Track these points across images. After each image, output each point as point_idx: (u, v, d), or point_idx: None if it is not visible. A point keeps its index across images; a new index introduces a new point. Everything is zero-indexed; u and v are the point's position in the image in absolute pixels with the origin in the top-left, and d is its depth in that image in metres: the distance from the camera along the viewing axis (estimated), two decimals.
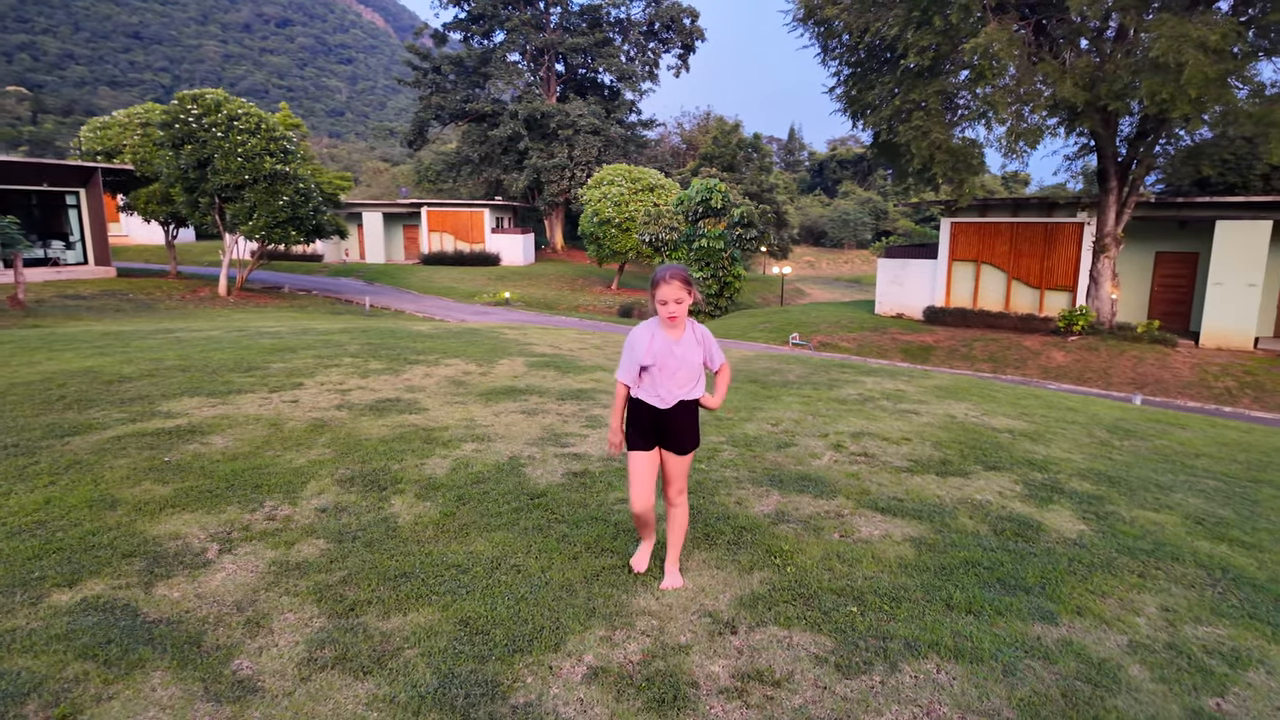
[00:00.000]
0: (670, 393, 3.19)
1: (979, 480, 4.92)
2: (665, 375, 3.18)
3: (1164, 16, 14.28)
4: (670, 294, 3.10)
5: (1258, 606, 3.34)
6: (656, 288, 3.12)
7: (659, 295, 3.11)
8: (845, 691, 2.62)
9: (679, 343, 3.18)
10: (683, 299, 3.10)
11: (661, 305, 3.12)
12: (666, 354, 3.16)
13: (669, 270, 3.13)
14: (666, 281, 3.10)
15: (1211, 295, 18.55)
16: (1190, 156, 19.45)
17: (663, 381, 3.18)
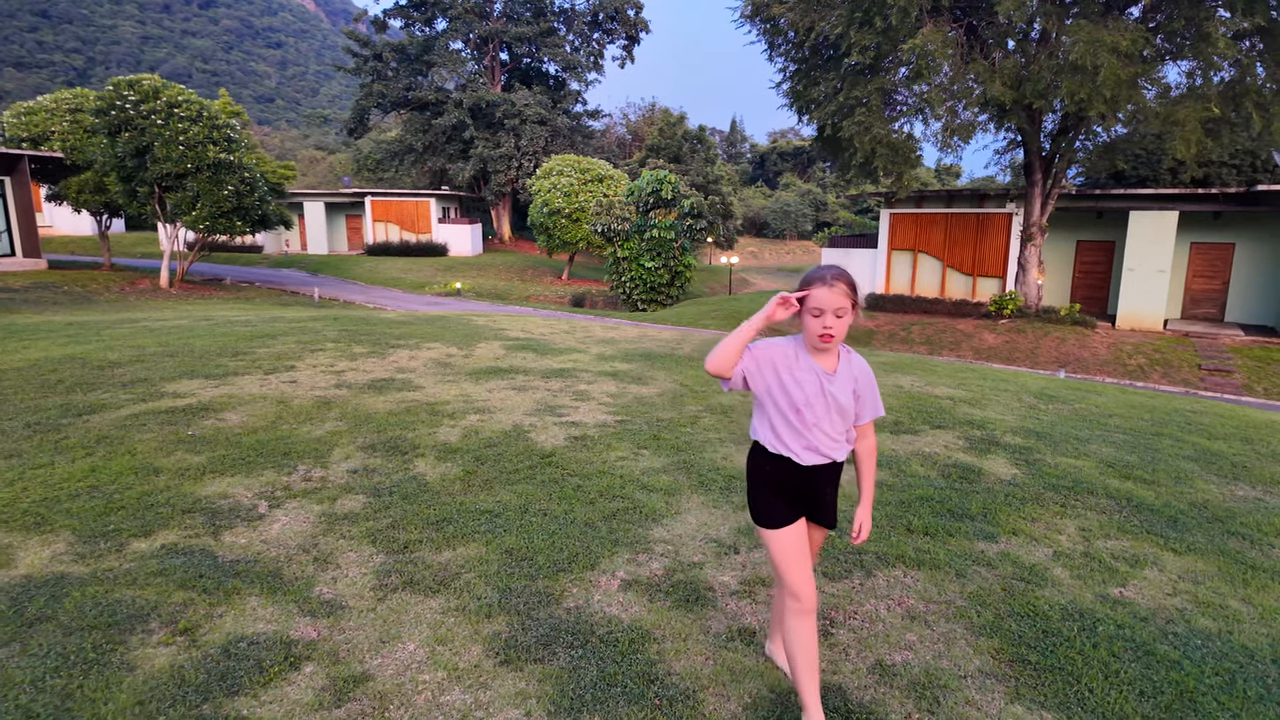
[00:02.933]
0: (818, 444, 2.24)
1: (927, 437, 5.63)
2: (811, 420, 2.21)
3: (1081, 22, 15.46)
4: (830, 301, 2.12)
5: (1154, 525, 4.09)
6: (810, 289, 2.15)
7: (813, 301, 2.13)
8: (834, 590, 3.23)
9: (833, 377, 2.22)
10: (845, 311, 2.14)
11: (814, 316, 2.14)
12: (816, 392, 2.20)
13: (831, 270, 2.17)
14: (827, 283, 2.12)
15: (1126, 280, 20.09)
16: (1106, 151, 20.96)
17: (808, 429, 2.22)
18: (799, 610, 2.23)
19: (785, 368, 2.23)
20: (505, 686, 2.50)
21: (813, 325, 2.16)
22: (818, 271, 2.20)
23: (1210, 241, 20.83)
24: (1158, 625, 3.01)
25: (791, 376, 2.22)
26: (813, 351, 2.23)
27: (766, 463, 2.31)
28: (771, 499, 2.30)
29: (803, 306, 2.17)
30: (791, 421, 2.23)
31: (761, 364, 2.23)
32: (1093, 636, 2.89)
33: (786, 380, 2.22)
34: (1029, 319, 20.19)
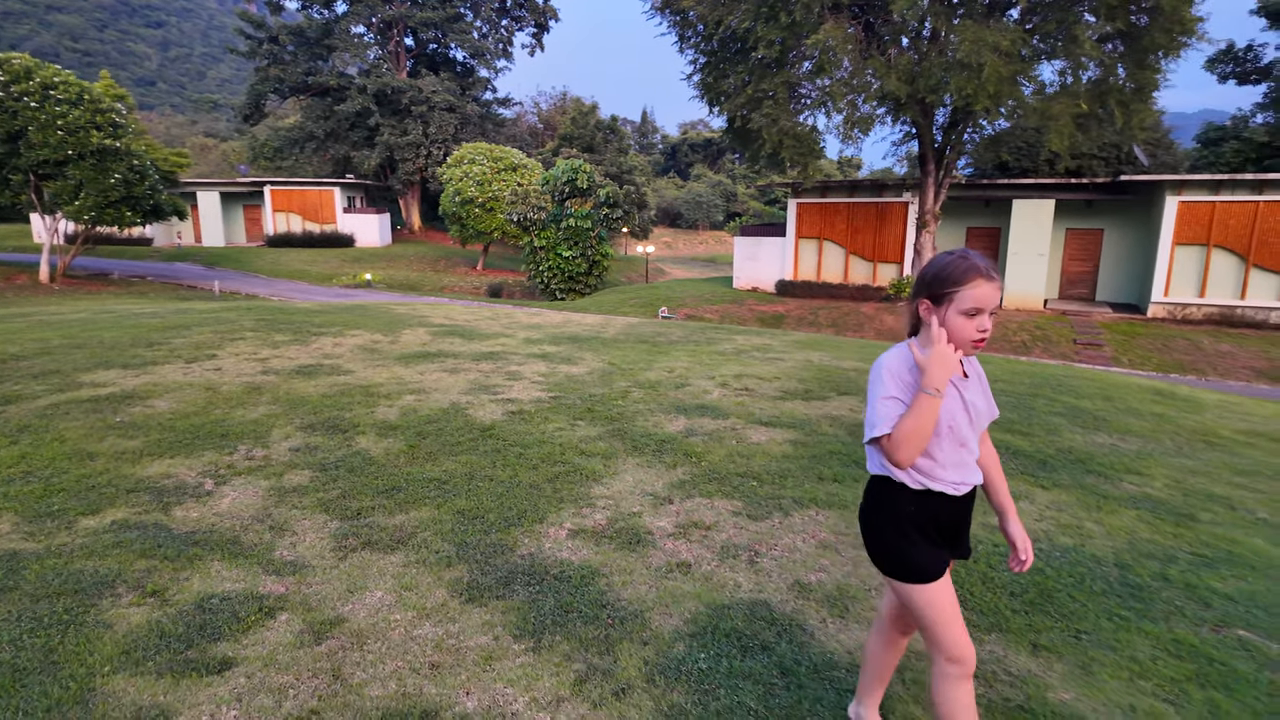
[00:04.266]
0: (967, 469, 1.88)
1: (835, 402, 6.17)
2: (959, 441, 1.85)
3: (967, 23, 16.62)
4: (994, 297, 1.76)
5: (1027, 467, 4.72)
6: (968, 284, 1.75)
7: (972, 300, 1.75)
8: (755, 529, 3.64)
9: (967, 384, 1.89)
10: (998, 309, 1.82)
11: (968, 317, 1.76)
12: (958, 406, 1.85)
13: (981, 259, 1.78)
14: (988, 276, 1.76)
15: (1010, 264, 21.72)
16: (992, 144, 22.53)
17: (957, 453, 1.86)
18: (960, 675, 1.85)
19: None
20: (472, 619, 2.77)
21: (965, 329, 1.75)
22: (964, 261, 1.76)
23: (1083, 227, 22.77)
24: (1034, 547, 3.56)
25: None
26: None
27: (910, 503, 1.86)
28: (921, 545, 1.86)
29: (946, 306, 1.77)
30: (948, 443, 1.83)
31: (910, 393, 1.77)
32: (974, 554, 3.40)
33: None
34: None
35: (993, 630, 2.81)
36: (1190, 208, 19.89)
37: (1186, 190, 20.00)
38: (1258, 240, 19.45)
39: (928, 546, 1.87)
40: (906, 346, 1.85)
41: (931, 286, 1.80)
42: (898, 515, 1.89)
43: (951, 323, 1.76)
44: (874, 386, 1.82)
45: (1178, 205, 19.89)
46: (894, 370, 1.80)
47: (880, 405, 1.77)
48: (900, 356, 1.83)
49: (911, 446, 1.72)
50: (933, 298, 1.80)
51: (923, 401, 1.72)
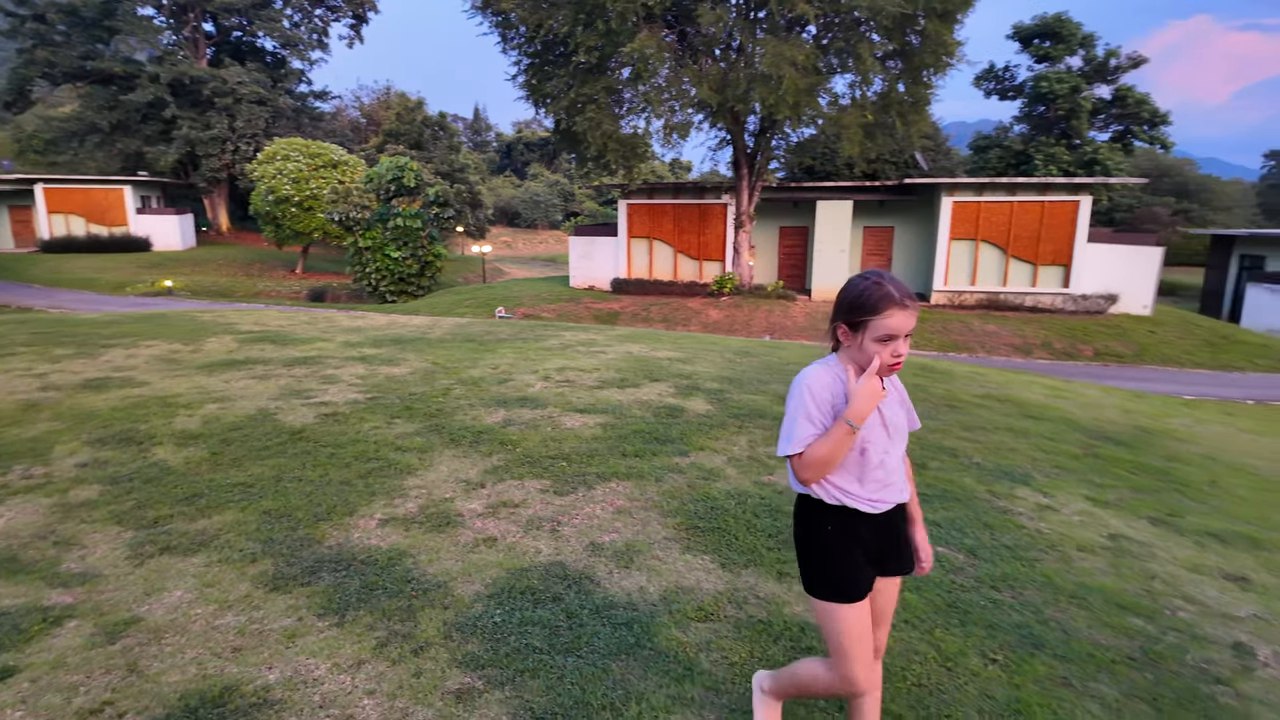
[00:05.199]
0: (889, 485, 1.93)
1: (646, 388, 6.69)
2: (876, 459, 1.90)
3: (768, 38, 18.07)
4: (908, 324, 1.80)
5: None
6: (881, 313, 1.78)
7: (886, 328, 1.79)
8: (561, 503, 4.00)
9: (887, 402, 1.93)
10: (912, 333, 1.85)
11: (884, 344, 1.80)
12: (874, 422, 1.90)
13: (896, 285, 1.81)
14: (903, 305, 1.79)
15: (817, 260, 23.80)
16: (798, 150, 24.56)
17: (879, 470, 1.91)
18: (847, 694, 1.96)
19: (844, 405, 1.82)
20: (276, 605, 2.90)
21: (881, 354, 1.79)
22: (879, 289, 1.79)
23: (877, 225, 25.37)
24: (788, 496, 4.18)
25: None
26: (856, 374, 1.84)
27: (829, 519, 1.91)
28: (840, 564, 1.90)
29: (862, 333, 1.80)
30: (866, 461, 1.88)
31: (827, 414, 1.83)
32: (743, 506, 3.97)
33: None
34: (744, 295, 23.12)
35: (749, 565, 3.34)
36: (962, 207, 22.78)
37: (958, 192, 22.89)
38: (1014, 235, 22.67)
39: (848, 566, 1.89)
40: (828, 367, 1.87)
41: (849, 313, 1.82)
42: (819, 532, 1.93)
43: (867, 348, 1.80)
44: (792, 401, 1.87)
45: (952, 205, 22.72)
46: (814, 391, 1.83)
47: (795, 423, 1.83)
48: (822, 377, 1.85)
49: (818, 471, 1.81)
50: (850, 324, 1.82)
51: (840, 431, 1.77)
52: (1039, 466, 5.11)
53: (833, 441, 1.79)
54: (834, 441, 1.79)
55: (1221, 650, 2.89)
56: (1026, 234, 22.57)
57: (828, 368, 1.88)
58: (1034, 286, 22.75)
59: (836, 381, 1.85)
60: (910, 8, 17.52)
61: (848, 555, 1.91)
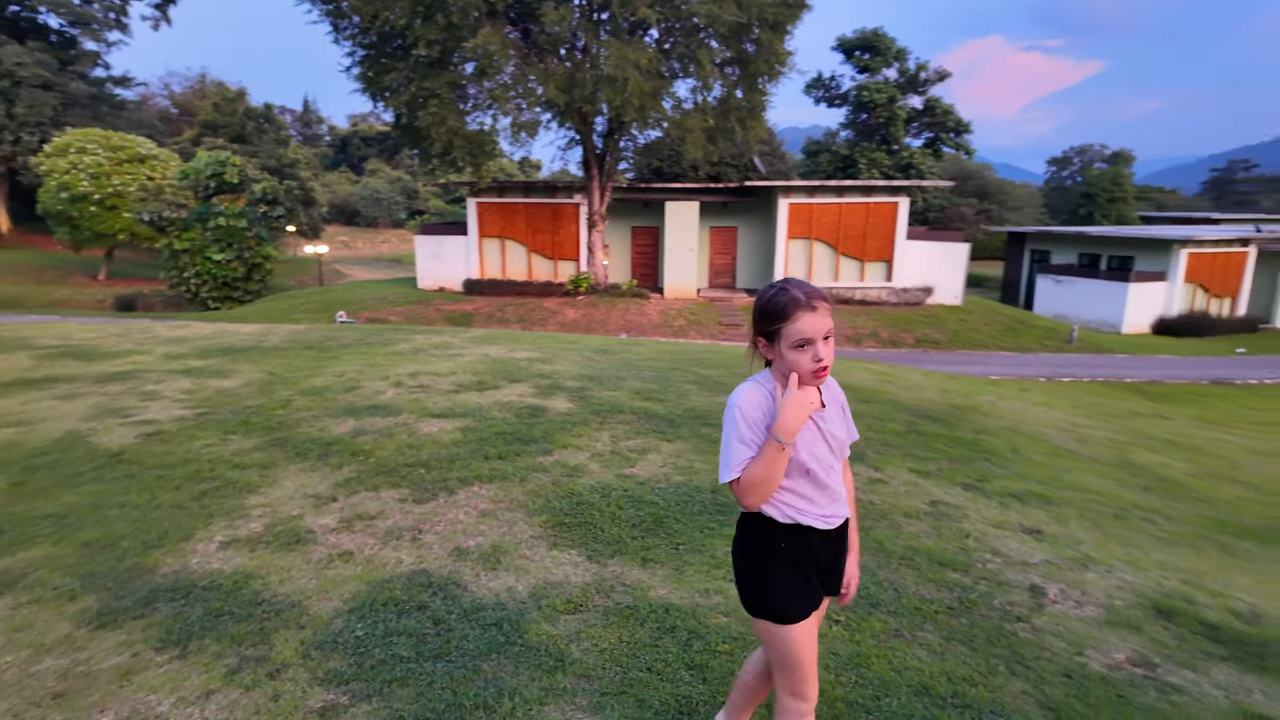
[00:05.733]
0: (838, 500, 1.89)
1: (506, 389, 6.64)
2: (822, 476, 1.84)
3: (612, 40, 18.36)
4: (819, 325, 1.72)
5: (659, 427, 5.63)
6: (790, 319, 1.72)
7: (797, 334, 1.71)
8: (422, 511, 3.91)
9: (824, 413, 1.86)
10: (831, 331, 1.76)
11: (800, 350, 1.73)
12: (814, 437, 1.84)
13: (801, 286, 1.76)
14: (808, 306, 1.72)
15: (668, 259, 24.50)
16: (646, 151, 25.15)
17: (824, 488, 1.85)
18: (804, 713, 1.89)
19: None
20: (105, 643, 2.64)
21: (802, 361, 1.72)
22: (783, 295, 1.73)
23: (722, 225, 26.49)
24: (650, 485, 4.34)
25: None
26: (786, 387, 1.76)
27: (781, 539, 1.83)
28: (792, 586, 1.84)
29: (778, 343, 1.74)
30: (807, 483, 1.82)
31: (761, 434, 1.75)
32: (608, 499, 4.07)
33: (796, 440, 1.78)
34: (600, 295, 23.38)
35: (615, 554, 3.44)
36: (797, 208, 24.29)
37: (793, 194, 24.38)
38: (843, 234, 24.48)
39: (800, 586, 1.84)
40: (759, 384, 1.80)
41: (760, 324, 1.77)
42: (769, 552, 1.83)
43: (787, 357, 1.73)
44: (726, 425, 1.80)
45: (788, 206, 24.17)
46: (745, 411, 1.76)
47: (730, 448, 1.77)
48: (752, 396, 1.78)
49: (759, 493, 1.74)
50: (765, 335, 1.76)
51: (771, 449, 1.70)
52: (870, 445, 5.61)
53: (766, 461, 1.71)
54: (767, 461, 1.71)
55: (1020, 593, 3.34)
56: (854, 233, 24.45)
57: (759, 385, 1.80)
58: (862, 281, 24.70)
59: (768, 398, 1.77)
60: (745, 17, 18.45)
61: (800, 575, 1.83)
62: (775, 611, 1.82)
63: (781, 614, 1.82)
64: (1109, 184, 46.51)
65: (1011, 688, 2.60)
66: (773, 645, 1.87)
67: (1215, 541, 4.47)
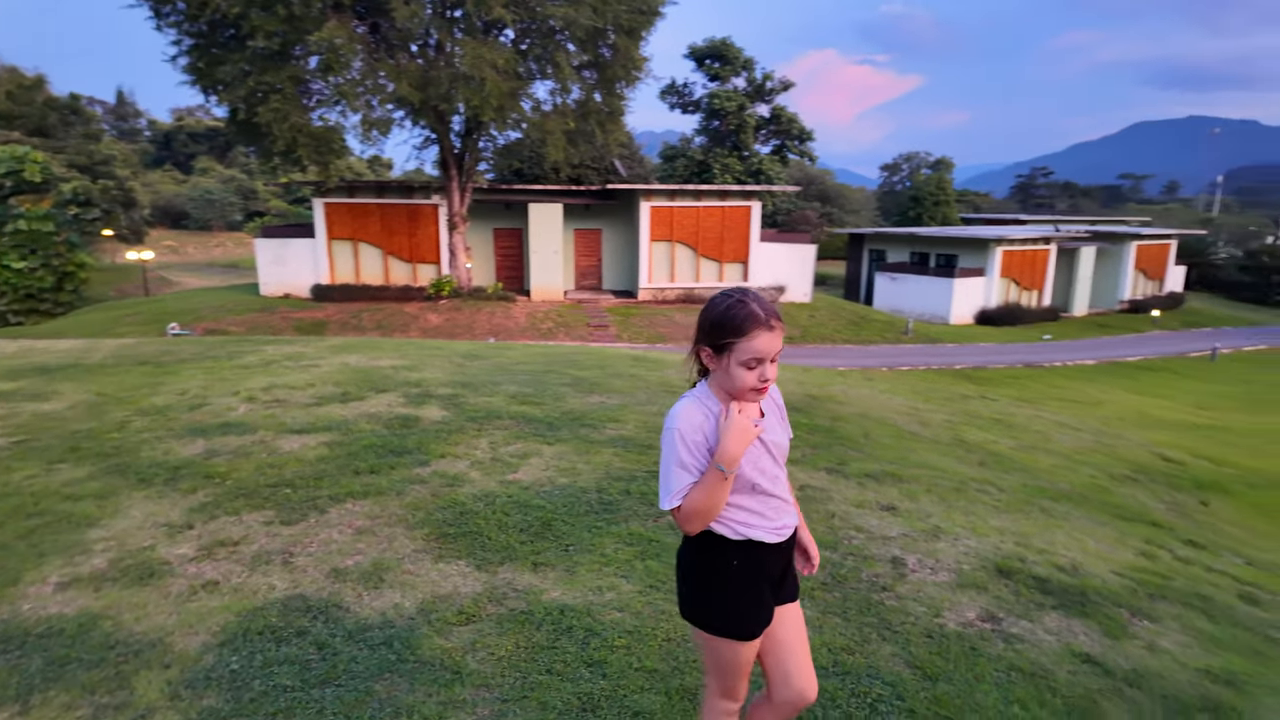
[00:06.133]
0: (786, 510, 1.86)
1: (372, 400, 6.37)
2: (768, 488, 1.80)
3: (467, 39, 17.99)
4: (774, 346, 1.69)
5: (539, 430, 5.61)
6: (747, 335, 1.66)
7: (751, 351, 1.66)
8: (291, 532, 3.69)
9: (764, 422, 1.81)
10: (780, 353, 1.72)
11: (749, 368, 1.68)
12: (758, 451, 1.78)
13: (763, 304, 1.70)
14: (768, 326, 1.67)
15: (533, 261, 24.31)
16: (506, 152, 24.80)
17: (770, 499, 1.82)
18: (733, 712, 1.92)
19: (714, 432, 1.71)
20: None
21: (748, 380, 1.67)
22: (743, 309, 1.67)
23: (586, 227, 26.65)
24: (534, 490, 4.33)
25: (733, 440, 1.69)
26: (726, 401, 1.73)
27: (734, 556, 1.78)
28: (746, 603, 1.80)
29: (727, 356, 1.68)
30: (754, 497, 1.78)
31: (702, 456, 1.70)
32: (492, 507, 4.02)
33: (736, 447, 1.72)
34: (464, 298, 22.83)
35: (505, 561, 3.42)
36: (658, 211, 24.87)
37: (654, 198, 24.93)
38: (702, 236, 25.34)
39: (754, 604, 1.80)
40: (697, 402, 1.74)
41: (712, 335, 1.69)
42: (722, 570, 1.78)
43: (733, 373, 1.67)
44: (664, 448, 1.73)
45: (650, 210, 24.69)
46: (684, 433, 1.69)
47: (670, 474, 1.70)
48: (690, 417, 1.71)
49: (701, 521, 1.69)
50: (713, 347, 1.70)
51: (712, 478, 1.66)
52: None
53: (708, 490, 1.66)
54: (709, 489, 1.66)
55: (884, 565, 3.64)
56: (712, 235, 25.38)
57: (697, 403, 1.73)
58: (721, 281, 25.68)
59: (708, 418, 1.71)
60: (601, 22, 18.67)
61: (754, 591, 1.79)
62: (734, 631, 1.79)
63: (740, 633, 1.79)
64: (934, 188, 51.07)
65: (883, 652, 2.84)
66: (717, 655, 1.83)
67: (1038, 506, 5.07)
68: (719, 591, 1.79)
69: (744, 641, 1.79)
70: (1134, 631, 3.24)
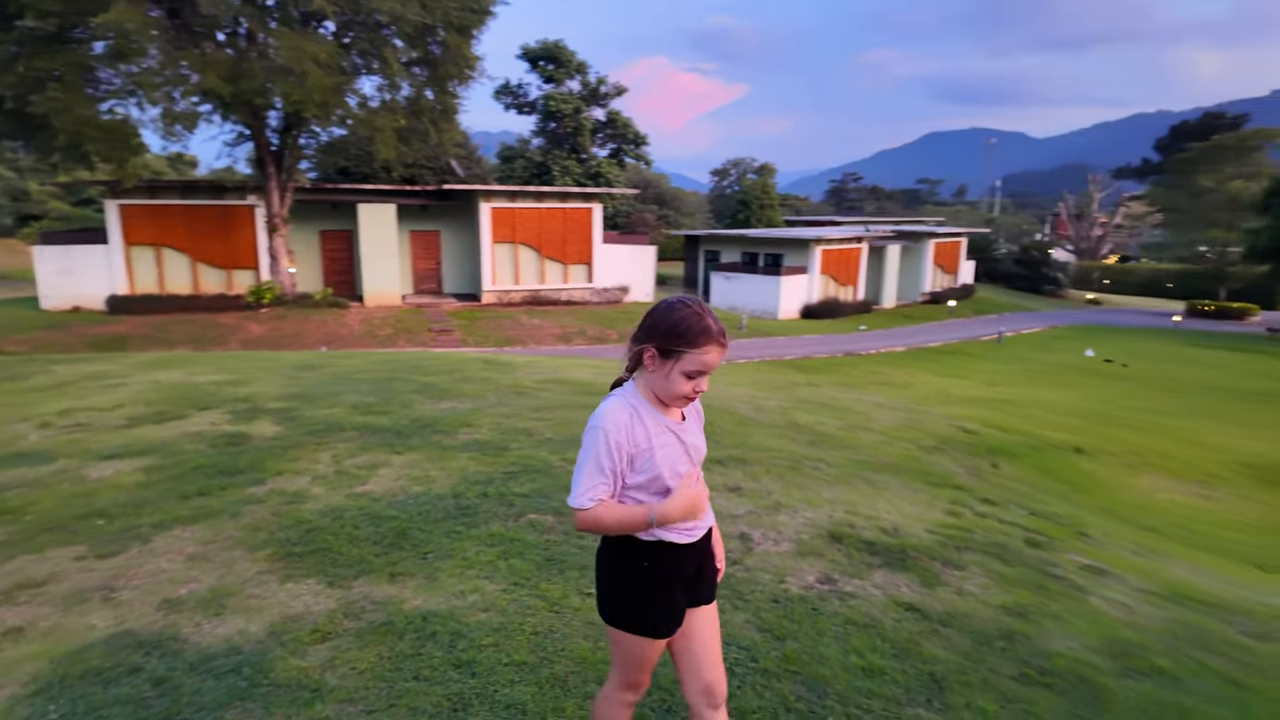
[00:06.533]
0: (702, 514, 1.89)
1: (194, 418, 5.84)
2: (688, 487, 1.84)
3: (284, 30, 16.81)
4: (717, 362, 1.76)
5: (386, 439, 5.41)
6: (699, 348, 1.72)
7: (702, 362, 1.73)
8: (109, 566, 3.34)
9: (685, 426, 1.86)
10: None
11: (688, 379, 1.74)
12: (678, 453, 1.81)
13: (716, 319, 1.76)
14: (720, 342, 1.74)
15: (365, 265, 23.15)
16: (331, 150, 23.45)
17: None
18: (631, 704, 1.96)
19: (645, 442, 1.75)
20: None
21: (684, 388, 1.73)
22: (699, 322, 1.71)
23: (424, 229, 25.76)
24: (386, 500, 4.19)
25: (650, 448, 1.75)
26: (654, 403, 1.79)
27: (645, 556, 1.80)
28: (659, 603, 1.82)
29: (672, 362, 1.72)
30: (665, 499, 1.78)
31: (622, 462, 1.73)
32: (341, 521, 3.85)
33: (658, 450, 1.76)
34: (289, 306, 21.32)
35: (359, 575, 3.30)
36: (499, 213, 24.54)
37: (494, 199, 24.58)
38: (545, 238, 25.33)
39: (666, 603, 1.82)
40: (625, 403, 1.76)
41: (663, 340, 1.72)
42: (634, 570, 1.80)
43: (673, 379, 1.72)
44: (586, 444, 1.72)
45: (490, 211, 24.32)
46: (609, 433, 1.70)
47: (584, 472, 1.70)
48: (617, 417, 1.72)
49: (594, 531, 1.73)
50: (661, 350, 1.72)
51: (638, 519, 1.71)
52: None
53: (626, 522, 1.72)
54: (627, 522, 1.72)
55: (734, 541, 3.90)
56: (555, 237, 25.44)
57: (624, 404, 1.76)
58: (567, 283, 25.82)
59: (635, 424, 1.73)
60: (430, 18, 18.14)
61: (666, 592, 1.82)
62: (643, 629, 1.82)
63: (649, 631, 1.82)
64: (759, 192, 54.21)
65: (737, 619, 3.06)
66: (625, 650, 1.87)
67: (862, 478, 5.60)
68: (631, 591, 1.81)
69: (651, 639, 1.83)
70: (945, 580, 3.70)
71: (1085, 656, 3.09)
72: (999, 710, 2.63)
